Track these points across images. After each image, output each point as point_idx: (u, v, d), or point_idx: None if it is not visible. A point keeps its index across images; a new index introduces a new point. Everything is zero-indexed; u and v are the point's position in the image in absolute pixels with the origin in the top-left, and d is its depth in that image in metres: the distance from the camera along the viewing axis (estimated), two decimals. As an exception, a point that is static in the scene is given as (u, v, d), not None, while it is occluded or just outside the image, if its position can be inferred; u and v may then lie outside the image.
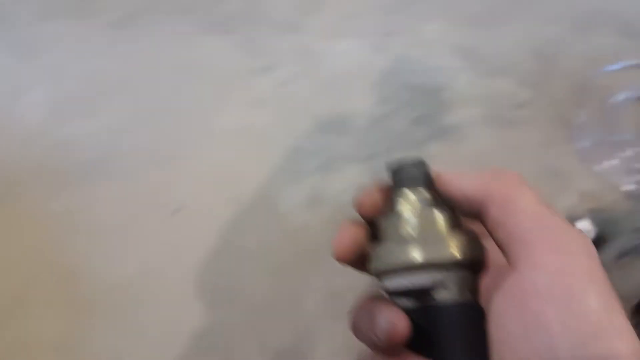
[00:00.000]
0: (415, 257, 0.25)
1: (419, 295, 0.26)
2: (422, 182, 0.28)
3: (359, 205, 0.29)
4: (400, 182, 0.28)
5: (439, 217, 0.26)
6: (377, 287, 0.28)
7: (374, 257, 0.27)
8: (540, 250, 0.23)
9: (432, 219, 0.26)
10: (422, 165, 0.28)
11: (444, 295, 0.25)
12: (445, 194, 0.28)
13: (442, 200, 0.28)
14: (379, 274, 0.27)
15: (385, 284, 0.27)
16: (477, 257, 0.26)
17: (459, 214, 0.28)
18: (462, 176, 0.27)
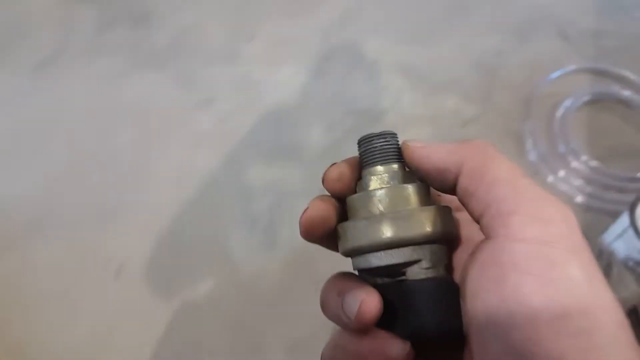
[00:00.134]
0: (385, 234, 0.24)
1: (390, 272, 0.25)
2: (391, 156, 0.27)
3: (327, 181, 0.28)
4: (369, 156, 0.27)
5: (408, 192, 0.25)
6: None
7: (344, 235, 0.26)
8: (517, 219, 0.22)
9: (401, 194, 0.25)
10: (391, 138, 0.28)
11: (416, 271, 0.25)
12: (415, 167, 0.26)
13: (412, 173, 0.27)
14: (349, 253, 0.26)
15: (355, 262, 0.26)
16: (448, 231, 0.25)
17: (430, 187, 0.27)
18: (432, 148, 0.26)
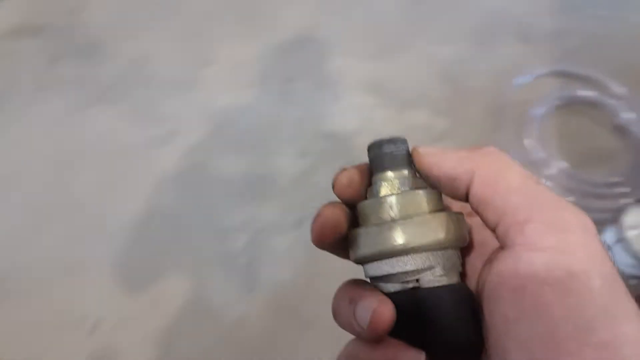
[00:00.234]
0: (397, 241, 0.24)
1: (403, 279, 0.25)
2: (402, 162, 0.27)
3: (337, 186, 0.27)
4: (379, 162, 0.27)
5: (420, 198, 0.25)
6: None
7: (355, 242, 0.26)
8: (534, 228, 0.22)
9: (413, 200, 0.25)
10: (401, 144, 0.27)
11: (430, 278, 0.24)
12: (425, 174, 0.26)
13: (423, 179, 0.27)
14: (360, 260, 0.26)
15: (367, 269, 0.26)
16: (461, 237, 0.25)
17: (441, 194, 0.26)
18: (443, 155, 0.26)
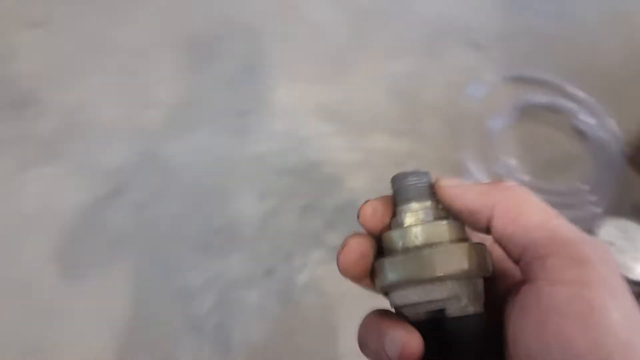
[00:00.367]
0: (425, 270, 0.25)
1: (429, 309, 0.25)
2: (425, 194, 0.28)
3: (362, 216, 0.28)
4: (403, 194, 0.28)
5: (444, 228, 0.26)
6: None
7: (381, 271, 0.26)
8: (555, 263, 0.22)
9: (437, 230, 0.26)
10: (424, 176, 0.28)
11: (455, 307, 0.25)
12: (447, 206, 0.27)
13: (446, 211, 0.27)
14: (387, 289, 0.26)
15: (393, 298, 0.26)
16: (485, 268, 0.26)
17: (463, 224, 0.27)
18: (463, 189, 0.26)
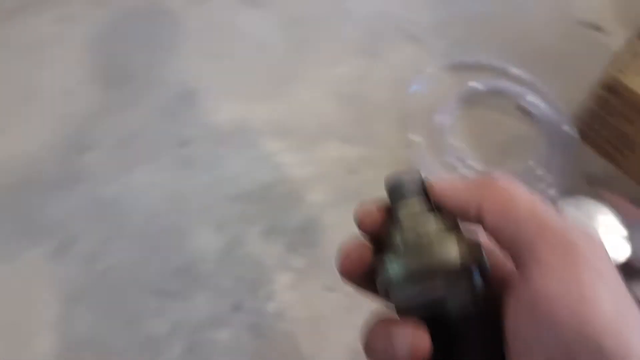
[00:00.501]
0: (424, 263, 0.25)
1: (431, 305, 0.25)
2: (418, 191, 0.28)
3: (359, 221, 0.28)
4: (397, 192, 0.28)
5: (439, 224, 0.26)
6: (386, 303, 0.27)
7: (382, 269, 0.26)
8: (546, 254, 0.23)
9: (432, 225, 0.26)
10: (417, 175, 0.29)
11: (456, 301, 0.25)
12: (438, 204, 0.28)
13: (440, 210, 0.28)
14: (388, 287, 0.26)
15: (396, 297, 0.26)
16: (483, 261, 0.26)
17: (458, 221, 0.28)
18: (454, 185, 0.27)
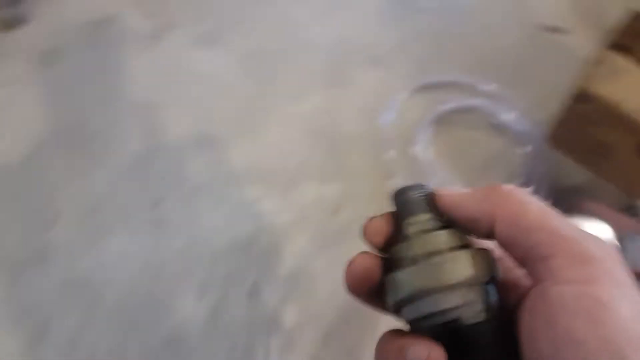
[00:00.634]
0: (435, 279, 0.25)
1: (444, 319, 0.25)
2: (426, 205, 0.28)
3: (367, 235, 0.28)
4: (406, 207, 0.28)
5: (448, 237, 0.26)
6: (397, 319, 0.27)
7: (393, 286, 0.26)
8: (560, 262, 0.22)
9: (442, 239, 0.26)
10: (424, 188, 0.28)
11: (470, 314, 0.25)
12: (448, 216, 0.27)
13: (449, 221, 0.27)
14: (399, 303, 0.26)
15: (406, 313, 0.26)
16: (493, 270, 0.26)
17: (467, 233, 0.27)
18: (464, 197, 0.27)
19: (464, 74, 0.93)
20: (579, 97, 0.79)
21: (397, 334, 0.26)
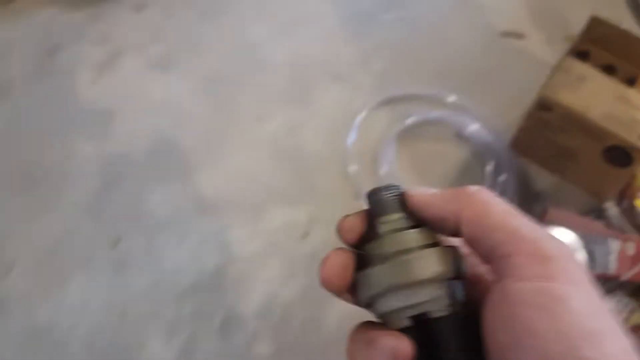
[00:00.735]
0: (404, 275, 0.26)
1: (412, 313, 0.26)
2: (398, 205, 0.29)
3: (341, 232, 0.29)
4: (379, 206, 0.29)
5: (418, 235, 0.27)
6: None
7: (365, 281, 0.27)
8: (519, 261, 0.24)
9: (412, 238, 0.27)
10: (397, 189, 0.29)
11: (437, 308, 0.26)
12: (417, 216, 0.28)
13: (420, 220, 0.29)
14: (371, 298, 0.27)
15: (377, 307, 0.27)
16: (459, 267, 0.27)
17: (436, 232, 0.29)
18: (433, 198, 0.28)
19: (427, 86, 0.92)
20: (542, 105, 0.79)
21: (368, 326, 0.27)
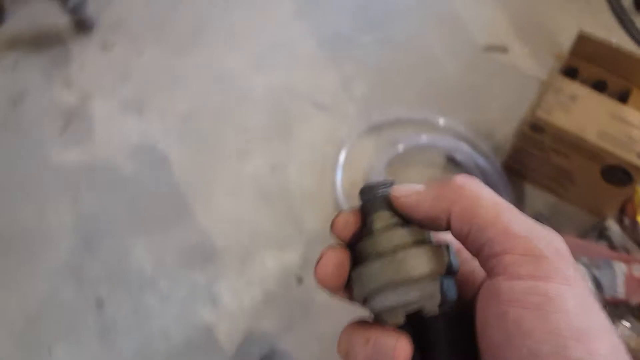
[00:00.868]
0: (399, 273, 0.26)
1: (407, 310, 0.26)
2: (390, 203, 0.29)
3: (335, 228, 0.28)
4: (371, 204, 0.29)
5: (412, 234, 0.27)
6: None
7: (360, 279, 0.27)
8: (511, 259, 0.24)
9: (405, 235, 0.27)
10: (389, 186, 0.29)
11: (431, 305, 0.26)
12: (406, 216, 0.28)
13: (410, 218, 0.29)
14: (365, 295, 0.27)
15: (372, 305, 0.27)
16: (452, 266, 0.27)
17: (428, 230, 0.28)
18: (420, 197, 0.27)
19: (412, 108, 0.89)
20: (535, 127, 0.76)
21: (362, 325, 0.27)
